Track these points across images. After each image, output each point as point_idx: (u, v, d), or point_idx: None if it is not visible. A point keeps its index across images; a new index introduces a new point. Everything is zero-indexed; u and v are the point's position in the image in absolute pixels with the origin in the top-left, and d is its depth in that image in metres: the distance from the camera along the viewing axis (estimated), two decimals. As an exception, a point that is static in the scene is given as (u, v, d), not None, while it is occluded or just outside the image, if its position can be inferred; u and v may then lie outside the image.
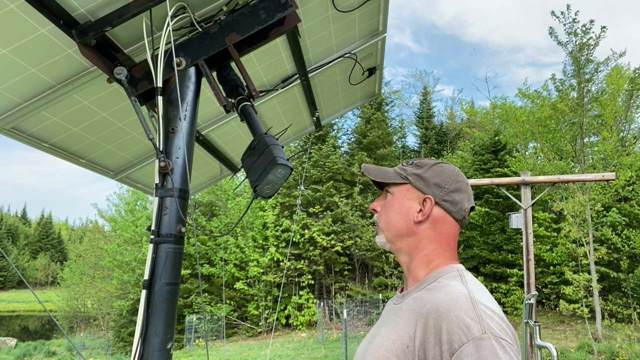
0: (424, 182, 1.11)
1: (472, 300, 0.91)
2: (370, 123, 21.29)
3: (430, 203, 1.09)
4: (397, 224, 1.12)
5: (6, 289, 59.98)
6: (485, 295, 0.97)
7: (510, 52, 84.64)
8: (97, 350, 19.42)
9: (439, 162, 1.16)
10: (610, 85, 14.22)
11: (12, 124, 1.77)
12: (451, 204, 1.10)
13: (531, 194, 7.60)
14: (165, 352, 1.37)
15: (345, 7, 2.30)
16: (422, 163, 1.16)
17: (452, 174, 1.13)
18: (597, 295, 12.69)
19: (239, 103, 1.69)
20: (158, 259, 1.40)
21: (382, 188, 1.22)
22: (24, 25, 1.44)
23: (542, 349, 5.39)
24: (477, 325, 0.86)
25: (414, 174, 1.13)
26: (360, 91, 3.39)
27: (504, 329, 0.89)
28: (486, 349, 0.84)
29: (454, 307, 0.90)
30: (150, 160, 2.57)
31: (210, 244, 19.86)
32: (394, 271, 18.33)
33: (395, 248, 1.14)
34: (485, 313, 0.89)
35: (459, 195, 1.11)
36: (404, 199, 1.13)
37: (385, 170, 1.18)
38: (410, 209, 1.11)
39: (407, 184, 1.13)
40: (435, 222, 1.09)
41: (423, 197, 1.10)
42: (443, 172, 1.13)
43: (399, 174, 1.15)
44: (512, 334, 0.90)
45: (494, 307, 0.93)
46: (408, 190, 1.13)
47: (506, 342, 0.86)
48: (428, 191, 1.10)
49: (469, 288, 0.96)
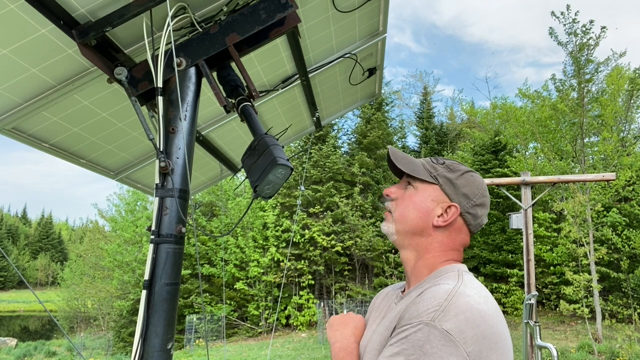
0: (454, 188, 1.08)
1: (450, 294, 0.90)
2: (371, 123, 21.30)
3: (455, 212, 1.06)
4: (414, 221, 1.08)
5: (6, 289, 59.99)
6: (477, 295, 0.93)
7: (511, 52, 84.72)
8: (97, 351, 19.42)
9: (470, 170, 1.12)
10: (611, 86, 14.22)
11: (12, 124, 1.77)
12: (473, 217, 1.08)
13: (531, 194, 7.60)
14: (166, 352, 1.37)
15: (345, 8, 2.30)
16: (454, 167, 1.11)
17: (480, 187, 1.10)
18: (597, 295, 12.69)
19: (239, 103, 1.69)
20: (158, 259, 1.40)
21: (401, 175, 1.18)
22: (24, 26, 1.44)
23: (543, 349, 5.39)
24: (432, 314, 0.87)
25: (445, 177, 1.09)
26: (361, 91, 3.39)
27: (462, 328, 0.85)
28: (423, 333, 0.84)
29: (429, 297, 0.91)
30: (150, 160, 2.57)
31: (211, 244, 19.86)
32: (394, 271, 18.33)
33: (402, 243, 1.11)
34: (454, 307, 0.87)
35: (481, 210, 1.09)
36: (427, 199, 1.08)
37: (414, 162, 1.13)
38: (431, 210, 1.07)
39: (435, 185, 1.09)
40: (452, 230, 1.07)
41: (449, 203, 1.07)
42: (473, 182, 1.09)
43: (428, 171, 1.10)
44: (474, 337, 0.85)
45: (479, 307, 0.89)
46: (434, 191, 1.08)
47: (451, 338, 0.84)
48: (455, 199, 1.07)
49: (459, 284, 0.94)
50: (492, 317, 0.91)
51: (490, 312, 0.92)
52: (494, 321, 0.91)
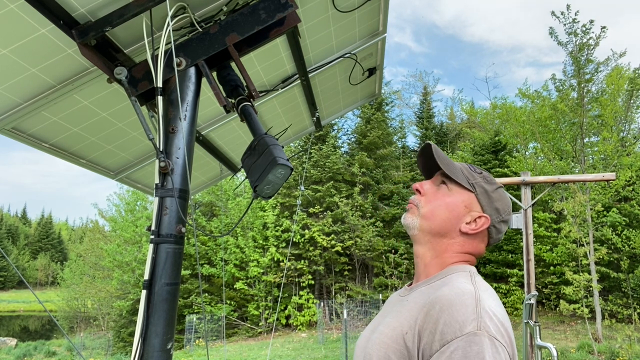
0: (489, 200, 1.11)
1: (476, 298, 0.92)
2: (371, 123, 21.29)
3: (485, 223, 1.09)
4: (444, 222, 1.10)
5: (6, 289, 59.98)
6: (492, 297, 0.97)
7: (511, 52, 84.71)
8: (97, 351, 19.42)
9: (502, 186, 1.16)
10: (610, 86, 14.21)
11: (12, 124, 1.77)
12: (496, 232, 1.12)
13: (531, 194, 7.59)
14: (165, 352, 1.37)
15: (345, 7, 2.30)
16: (491, 180, 1.14)
17: (509, 205, 1.14)
18: (597, 295, 12.69)
19: (239, 103, 1.69)
20: (158, 259, 1.40)
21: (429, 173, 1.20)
22: (24, 26, 1.44)
23: (542, 349, 5.39)
24: (474, 322, 0.87)
25: (482, 187, 1.11)
26: (361, 91, 3.39)
27: (501, 331, 0.88)
28: (476, 344, 0.84)
29: (457, 302, 0.91)
30: (150, 160, 2.57)
31: (211, 244, 19.86)
32: (394, 271, 18.33)
33: (422, 239, 1.12)
34: (486, 313, 0.89)
35: (504, 227, 1.13)
36: (461, 204, 1.10)
37: (454, 165, 1.15)
38: (463, 215, 1.09)
39: (471, 192, 1.11)
40: (475, 239, 1.10)
41: (480, 214, 1.09)
42: (504, 198, 1.13)
43: (466, 177, 1.13)
44: (509, 338, 0.90)
45: (497, 310, 0.93)
46: (469, 198, 1.11)
47: (499, 343, 0.86)
48: (488, 211, 1.10)
49: (476, 287, 0.96)
50: (507, 319, 0.95)
51: (505, 314, 0.95)
52: (508, 323, 0.94)
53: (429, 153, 1.15)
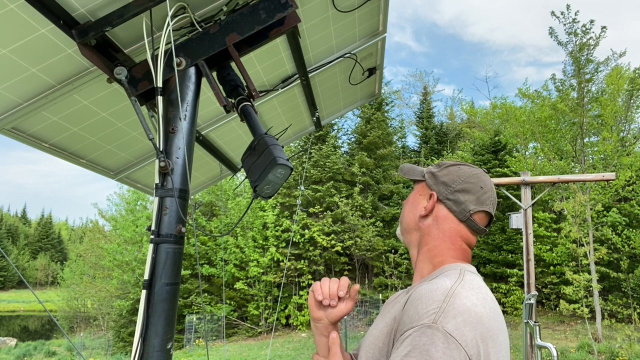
0: (434, 179, 1.15)
1: (448, 294, 0.90)
2: (370, 123, 21.29)
3: (433, 199, 1.12)
4: (407, 217, 1.18)
5: (6, 289, 59.97)
6: (475, 295, 0.93)
7: (512, 52, 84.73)
8: (97, 350, 19.42)
9: (460, 163, 1.17)
10: (610, 86, 14.22)
11: (12, 124, 1.77)
12: (454, 204, 1.10)
13: (531, 194, 7.60)
14: (165, 352, 1.37)
15: (345, 7, 2.30)
16: (443, 164, 1.19)
17: (463, 175, 1.12)
18: (597, 295, 12.69)
19: (239, 103, 1.68)
20: (158, 259, 1.40)
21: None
22: (24, 25, 1.44)
23: (542, 349, 5.39)
24: (432, 316, 0.86)
25: (430, 172, 1.18)
26: (360, 91, 3.39)
27: (462, 330, 0.84)
28: (427, 336, 0.83)
29: (425, 296, 0.91)
30: (150, 160, 2.57)
31: (210, 244, 19.86)
32: (394, 271, 18.34)
33: (406, 240, 1.19)
34: (453, 309, 0.87)
35: (464, 196, 1.10)
36: (417, 195, 1.19)
37: (414, 168, 1.24)
38: (419, 204, 1.16)
39: (423, 181, 1.18)
40: (438, 219, 1.11)
41: (429, 193, 1.14)
42: (456, 172, 1.14)
43: (420, 172, 1.21)
44: (474, 339, 0.85)
45: (474, 309, 0.89)
46: (422, 187, 1.18)
47: (454, 340, 0.82)
48: (434, 188, 1.14)
49: (459, 284, 0.94)
50: (490, 319, 0.91)
51: (488, 314, 0.91)
52: (491, 324, 0.90)
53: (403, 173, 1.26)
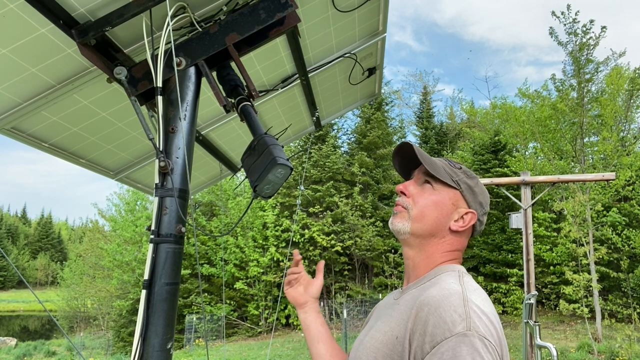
0: (473, 196, 1.12)
1: (464, 298, 0.92)
2: (370, 123, 21.30)
3: (472, 218, 1.10)
4: (434, 221, 1.08)
5: (6, 289, 59.99)
6: (480, 296, 0.97)
7: (512, 51, 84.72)
8: (97, 350, 19.42)
9: (475, 175, 1.17)
10: (610, 85, 14.22)
11: (12, 123, 1.77)
12: (480, 224, 1.14)
13: (531, 194, 7.60)
14: (165, 352, 1.37)
15: (345, 7, 2.30)
16: (471, 175, 1.15)
17: (488, 196, 1.16)
18: (597, 295, 12.70)
19: (239, 103, 1.68)
20: (158, 259, 1.40)
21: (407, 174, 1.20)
22: (23, 25, 1.44)
23: (542, 349, 5.39)
24: (463, 322, 0.87)
25: (466, 183, 1.12)
26: (360, 91, 3.39)
27: (491, 330, 0.88)
28: (466, 345, 0.84)
29: (444, 303, 0.91)
30: (150, 160, 2.57)
31: (210, 244, 19.86)
32: (393, 271, 18.33)
33: (414, 241, 1.10)
34: (474, 312, 0.89)
35: (486, 218, 1.16)
36: (448, 202, 1.10)
37: (437, 163, 1.13)
38: (451, 213, 1.09)
39: (456, 190, 1.10)
40: (463, 234, 1.12)
41: (467, 210, 1.10)
42: (484, 192, 1.15)
43: (449, 174, 1.11)
44: (498, 337, 0.89)
45: (486, 309, 0.93)
46: (455, 195, 1.10)
47: (489, 342, 0.86)
48: (473, 206, 1.11)
49: (464, 287, 0.96)
50: (498, 319, 0.95)
51: (494, 313, 0.95)
52: (499, 324, 0.94)
53: (408, 153, 1.15)
